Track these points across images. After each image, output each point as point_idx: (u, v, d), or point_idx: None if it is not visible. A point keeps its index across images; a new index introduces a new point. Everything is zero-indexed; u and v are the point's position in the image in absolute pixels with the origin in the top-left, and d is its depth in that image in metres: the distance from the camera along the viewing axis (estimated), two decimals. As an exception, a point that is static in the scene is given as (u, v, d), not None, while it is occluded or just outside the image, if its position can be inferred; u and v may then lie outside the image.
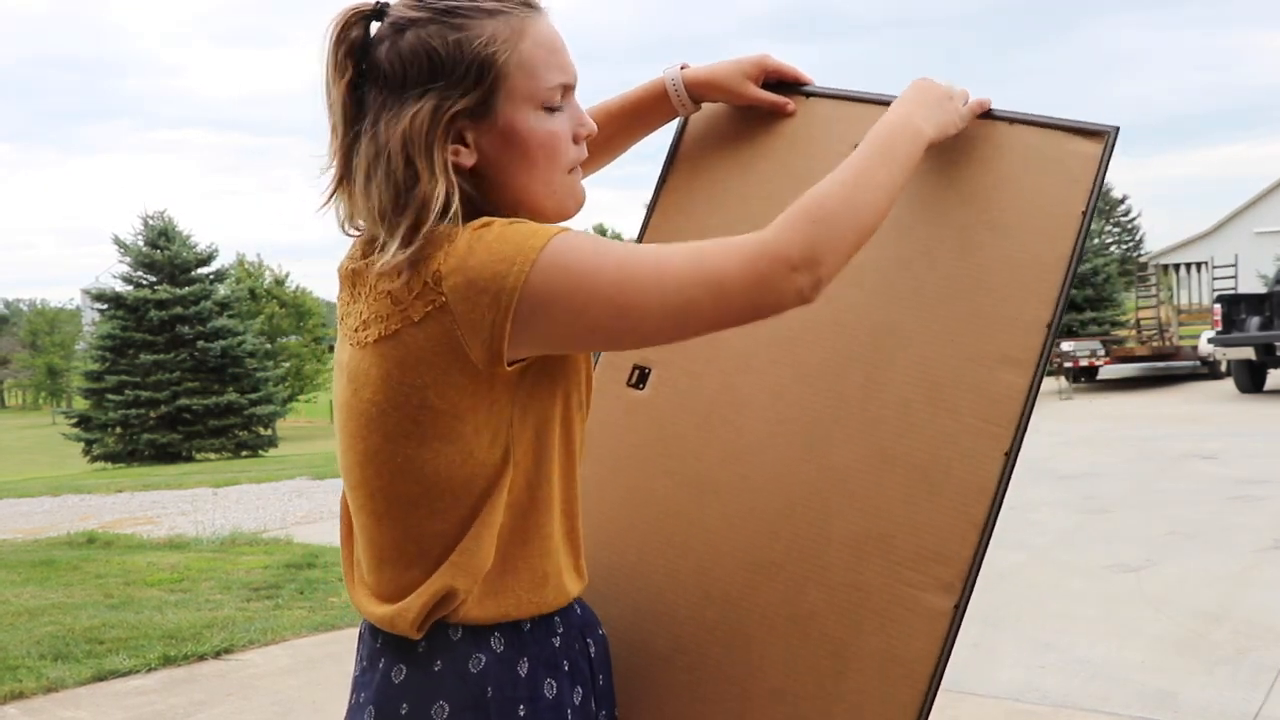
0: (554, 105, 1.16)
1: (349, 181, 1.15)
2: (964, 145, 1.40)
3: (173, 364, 25.86)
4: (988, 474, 1.27)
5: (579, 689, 1.18)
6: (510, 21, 1.14)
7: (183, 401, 25.49)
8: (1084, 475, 8.67)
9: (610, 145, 1.53)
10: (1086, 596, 5.13)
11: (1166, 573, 5.46)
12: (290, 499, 10.14)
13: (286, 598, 5.69)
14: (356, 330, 1.14)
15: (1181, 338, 21.96)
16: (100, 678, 4.40)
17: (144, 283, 26.68)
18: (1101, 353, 17.54)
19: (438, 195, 1.09)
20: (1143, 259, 36.14)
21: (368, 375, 1.12)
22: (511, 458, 1.12)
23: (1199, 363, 18.25)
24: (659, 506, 1.43)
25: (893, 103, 1.31)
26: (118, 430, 26.02)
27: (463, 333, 1.06)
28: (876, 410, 1.34)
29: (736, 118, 1.57)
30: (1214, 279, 23.51)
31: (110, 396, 25.78)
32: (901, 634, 1.26)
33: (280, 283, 50.15)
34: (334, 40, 1.15)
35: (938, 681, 1.24)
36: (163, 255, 26.58)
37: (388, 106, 1.12)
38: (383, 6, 1.16)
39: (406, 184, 1.09)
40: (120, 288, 26.74)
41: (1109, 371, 18.39)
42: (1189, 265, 32.45)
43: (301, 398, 45.37)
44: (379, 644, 1.17)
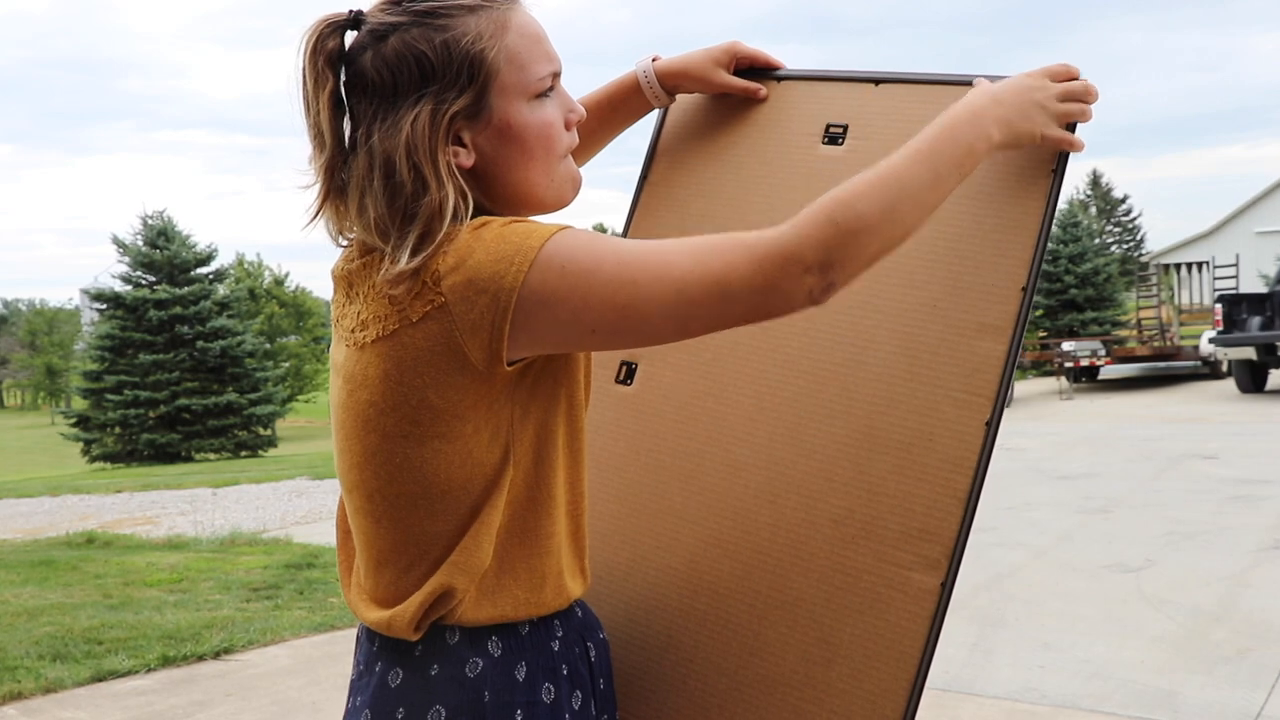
0: (544, 94, 1.15)
1: (337, 196, 1.13)
2: (929, 111, 1.33)
3: (172, 364, 25.84)
4: (970, 445, 1.26)
5: (578, 693, 1.18)
6: (492, 15, 1.12)
7: (182, 401, 25.47)
8: (1084, 475, 8.67)
9: (588, 141, 1.52)
10: (1086, 596, 5.12)
11: (1166, 573, 5.46)
12: (290, 499, 10.13)
13: (286, 598, 5.69)
14: (354, 331, 1.13)
15: (1182, 338, 21.98)
16: (99, 678, 4.39)
17: (143, 283, 26.66)
18: (1102, 353, 17.55)
19: (448, 202, 1.07)
20: (1144, 259, 36.21)
21: (366, 375, 1.11)
22: (511, 457, 1.11)
23: (1200, 363, 18.24)
24: (650, 502, 1.42)
25: (974, 88, 1.20)
26: (117, 430, 26.00)
27: (461, 333, 1.05)
28: (859, 388, 1.33)
29: (711, 108, 1.57)
30: (1215, 279, 23.47)
31: (109, 396, 25.75)
32: (891, 615, 1.25)
33: (280, 282, 50.23)
34: (310, 52, 1.11)
35: (928, 662, 1.23)
36: (162, 255, 26.55)
37: (380, 117, 1.09)
38: (357, 15, 1.13)
39: (415, 193, 1.07)
40: (119, 288, 26.71)
41: (1110, 371, 18.39)
42: (1190, 265, 32.40)
43: (301, 398, 45.36)
44: (376, 648, 1.17)
